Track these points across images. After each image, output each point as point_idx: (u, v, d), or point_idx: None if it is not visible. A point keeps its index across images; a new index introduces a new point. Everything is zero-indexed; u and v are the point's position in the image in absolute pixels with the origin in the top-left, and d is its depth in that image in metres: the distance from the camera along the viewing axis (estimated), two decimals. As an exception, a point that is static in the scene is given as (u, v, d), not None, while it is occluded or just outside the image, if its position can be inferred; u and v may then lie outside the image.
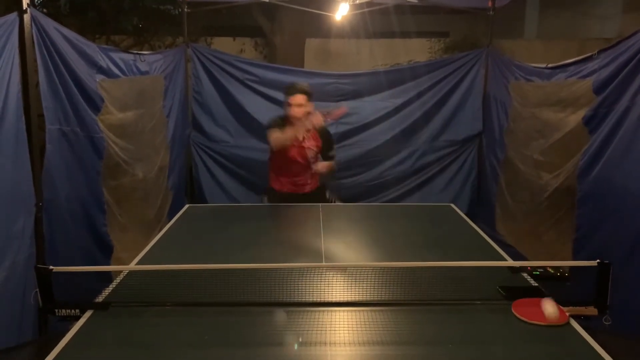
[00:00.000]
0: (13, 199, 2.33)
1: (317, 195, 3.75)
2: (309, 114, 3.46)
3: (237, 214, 3.58)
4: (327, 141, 3.73)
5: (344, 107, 4.01)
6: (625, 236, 2.61)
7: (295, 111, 3.47)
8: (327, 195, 3.85)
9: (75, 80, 2.81)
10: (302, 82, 3.92)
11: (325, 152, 3.73)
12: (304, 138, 3.59)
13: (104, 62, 3.11)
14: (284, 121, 3.53)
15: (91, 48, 3.01)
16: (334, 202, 3.86)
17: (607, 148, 2.84)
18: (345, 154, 4.93)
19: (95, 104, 3.00)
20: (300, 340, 1.77)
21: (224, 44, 8.13)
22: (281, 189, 3.70)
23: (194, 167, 4.95)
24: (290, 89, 3.56)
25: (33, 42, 2.45)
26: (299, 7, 5.12)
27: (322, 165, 3.64)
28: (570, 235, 3.16)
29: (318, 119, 3.36)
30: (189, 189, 4.95)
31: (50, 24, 2.61)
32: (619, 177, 2.71)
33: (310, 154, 3.64)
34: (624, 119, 2.72)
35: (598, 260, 1.90)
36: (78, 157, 2.90)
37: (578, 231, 3.09)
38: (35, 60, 2.50)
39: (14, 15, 2.35)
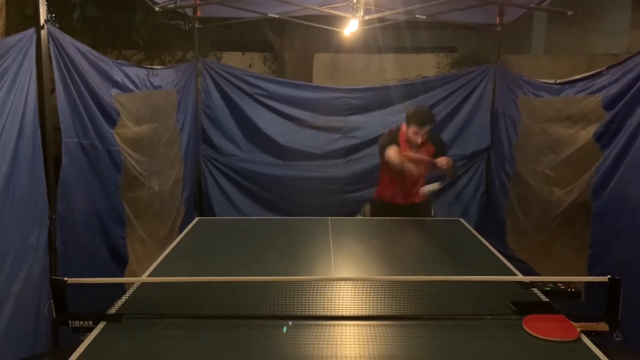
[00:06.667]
0: (29, 211, 2.36)
1: (424, 208, 3.75)
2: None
3: (246, 227, 3.59)
4: (439, 146, 3.67)
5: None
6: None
7: (418, 139, 3.51)
8: (432, 211, 3.85)
9: (92, 94, 2.85)
10: (424, 107, 3.83)
11: (440, 157, 3.62)
12: (418, 151, 3.56)
13: (118, 76, 3.16)
14: (394, 139, 3.57)
15: (106, 63, 3.06)
16: (436, 216, 3.87)
17: (620, 164, 2.83)
18: (353, 167, 4.96)
19: (111, 118, 3.05)
20: (311, 352, 1.77)
21: (233, 59, 8.25)
22: (391, 200, 3.73)
23: (203, 180, 4.99)
24: (420, 118, 3.49)
25: (49, 57, 2.50)
26: (307, 23, 5.17)
27: (440, 160, 3.36)
28: (584, 252, 3.12)
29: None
30: (198, 202, 4.99)
31: (67, 40, 2.66)
32: (634, 193, 2.70)
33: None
34: (636, 134, 2.71)
35: (609, 276, 1.90)
36: (96, 170, 2.93)
37: (593, 247, 3.05)
38: (51, 75, 2.55)
39: (31, 32, 2.40)
